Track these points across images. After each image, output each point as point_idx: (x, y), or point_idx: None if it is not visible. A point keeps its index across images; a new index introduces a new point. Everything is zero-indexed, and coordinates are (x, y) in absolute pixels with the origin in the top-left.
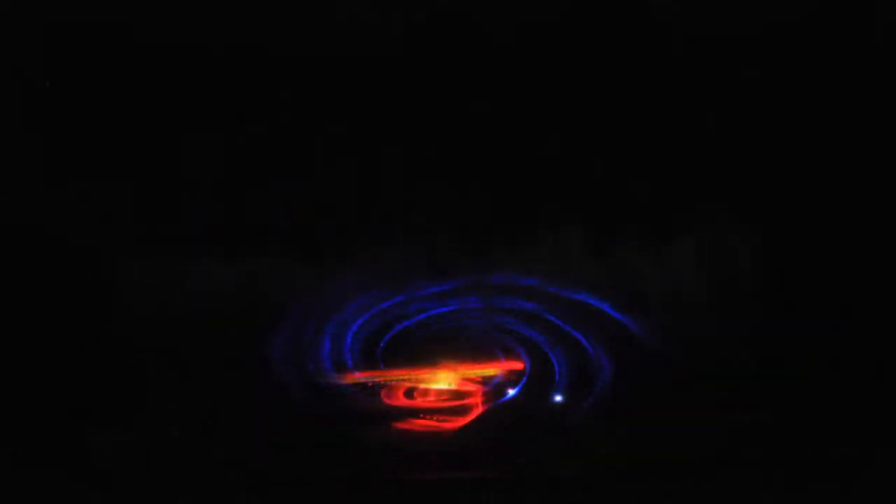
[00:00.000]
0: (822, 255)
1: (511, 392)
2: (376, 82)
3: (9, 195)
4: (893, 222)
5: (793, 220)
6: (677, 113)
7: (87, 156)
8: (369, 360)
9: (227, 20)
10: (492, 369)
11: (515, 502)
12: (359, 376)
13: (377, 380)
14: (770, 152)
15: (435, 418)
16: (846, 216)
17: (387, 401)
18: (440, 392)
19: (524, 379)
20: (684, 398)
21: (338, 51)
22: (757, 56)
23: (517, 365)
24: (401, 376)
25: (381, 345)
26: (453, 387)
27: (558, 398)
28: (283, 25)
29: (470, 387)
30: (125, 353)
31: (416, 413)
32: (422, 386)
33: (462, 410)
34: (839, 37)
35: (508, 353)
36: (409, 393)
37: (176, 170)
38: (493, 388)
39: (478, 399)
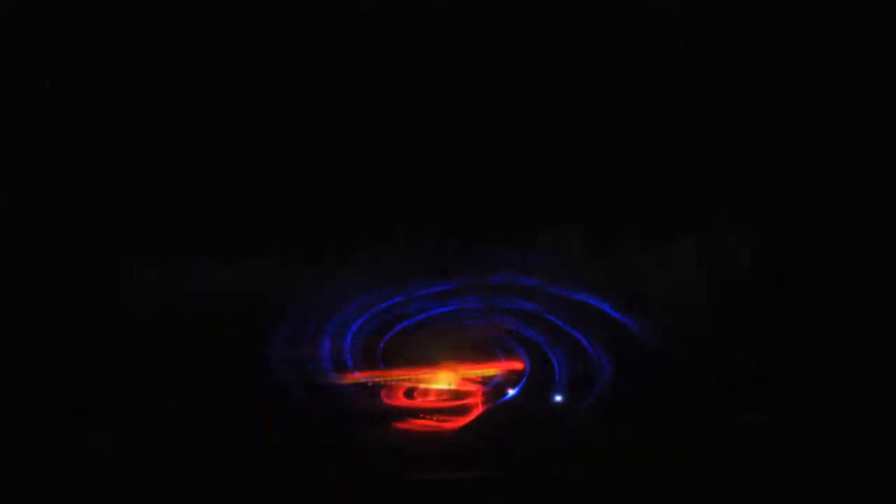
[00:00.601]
0: (822, 255)
1: (511, 392)
2: (376, 82)
3: (9, 195)
4: (893, 222)
5: (793, 220)
6: (677, 113)
7: (88, 156)
8: (369, 360)
9: (227, 20)
10: (492, 369)
11: (515, 502)
12: (359, 376)
13: (377, 380)
14: (770, 152)
15: (435, 418)
16: (846, 216)
17: (387, 401)
18: (440, 392)
19: (524, 379)
20: (684, 398)
21: (337, 51)
22: (757, 56)
23: (517, 365)
24: (401, 376)
25: (381, 345)
26: (453, 387)
27: (558, 398)
28: (283, 25)
29: (470, 387)
30: (125, 353)
31: (416, 413)
32: (422, 386)
33: (462, 410)
34: (839, 37)
35: (508, 353)
36: (409, 393)
37: (176, 170)
38: (493, 388)
39: (478, 399)
